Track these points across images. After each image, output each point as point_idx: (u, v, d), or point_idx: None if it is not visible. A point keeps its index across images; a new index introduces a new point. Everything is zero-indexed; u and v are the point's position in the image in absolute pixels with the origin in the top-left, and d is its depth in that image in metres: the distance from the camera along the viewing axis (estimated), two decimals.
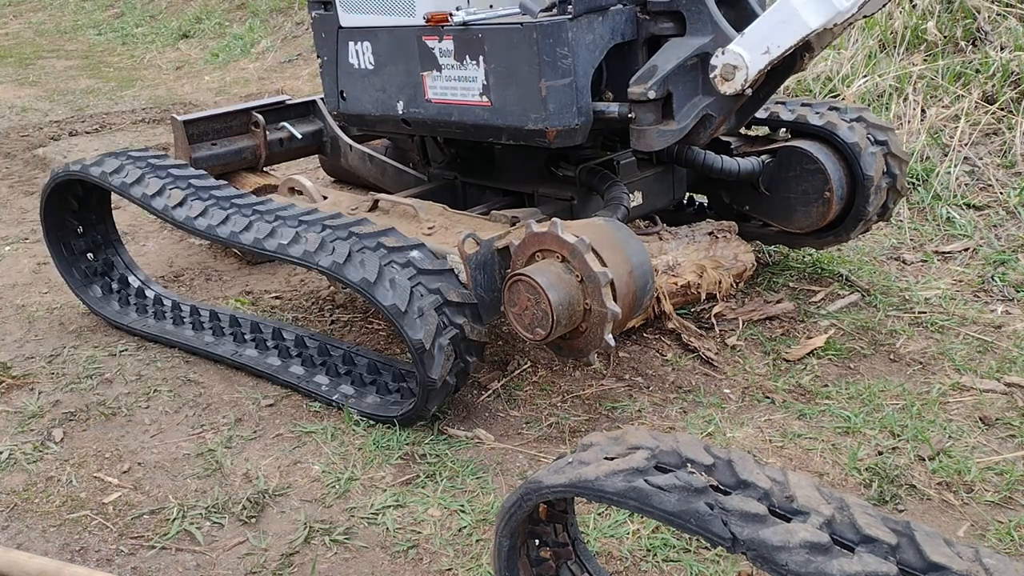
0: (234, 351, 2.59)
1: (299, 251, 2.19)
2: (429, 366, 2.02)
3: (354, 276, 2.06)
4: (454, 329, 2.07)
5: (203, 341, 2.67)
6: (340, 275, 2.08)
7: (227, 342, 2.64)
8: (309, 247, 2.18)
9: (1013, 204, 3.25)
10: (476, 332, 2.12)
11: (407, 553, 1.79)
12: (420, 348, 2.00)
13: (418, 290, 2.06)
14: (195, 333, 2.73)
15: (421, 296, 2.05)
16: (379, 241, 2.15)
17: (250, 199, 2.52)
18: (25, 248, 3.82)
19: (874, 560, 0.91)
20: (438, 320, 2.05)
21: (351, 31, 2.60)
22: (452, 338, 2.06)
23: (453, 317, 2.08)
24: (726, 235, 2.74)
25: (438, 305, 2.07)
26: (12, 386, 2.60)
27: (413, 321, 2.01)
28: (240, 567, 1.79)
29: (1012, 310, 2.64)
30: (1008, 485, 1.87)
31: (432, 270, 2.11)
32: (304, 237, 2.22)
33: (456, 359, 2.10)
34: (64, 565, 1.73)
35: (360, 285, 2.05)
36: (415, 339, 1.99)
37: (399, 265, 2.09)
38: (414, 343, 2.00)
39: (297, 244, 2.22)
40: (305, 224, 2.28)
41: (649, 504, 1.04)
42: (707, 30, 2.12)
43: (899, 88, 3.87)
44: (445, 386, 2.09)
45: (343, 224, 2.23)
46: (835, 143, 2.61)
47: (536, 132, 2.21)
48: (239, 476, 2.09)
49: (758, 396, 2.29)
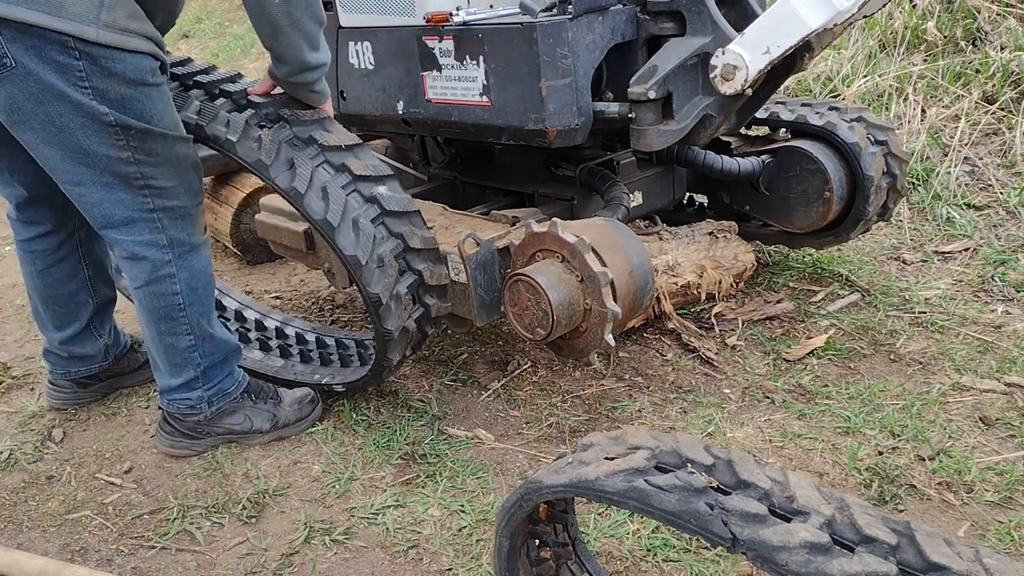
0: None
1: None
2: (385, 318, 1.98)
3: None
4: (412, 276, 2.03)
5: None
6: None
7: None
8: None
9: (1013, 204, 3.25)
10: (436, 276, 2.07)
11: (407, 553, 1.79)
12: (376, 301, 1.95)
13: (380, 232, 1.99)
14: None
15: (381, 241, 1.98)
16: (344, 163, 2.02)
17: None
18: None
19: (874, 560, 0.91)
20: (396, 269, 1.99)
21: (351, 31, 2.60)
22: (410, 285, 2.02)
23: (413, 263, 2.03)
24: (726, 235, 2.74)
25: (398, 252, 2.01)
26: (12, 386, 2.60)
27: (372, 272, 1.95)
28: (240, 567, 1.79)
29: (1012, 310, 2.64)
30: (1008, 485, 1.87)
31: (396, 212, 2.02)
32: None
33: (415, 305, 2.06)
34: (64, 565, 1.73)
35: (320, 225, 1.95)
36: (372, 293, 1.94)
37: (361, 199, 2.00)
38: (370, 296, 1.94)
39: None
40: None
41: (649, 504, 1.04)
42: (707, 30, 2.12)
43: (899, 88, 3.87)
44: (404, 334, 2.06)
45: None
46: (835, 143, 2.61)
47: (536, 132, 2.21)
48: (239, 476, 2.09)
49: (758, 396, 2.29)
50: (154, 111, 1.81)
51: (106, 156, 1.79)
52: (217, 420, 2.16)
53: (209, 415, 2.14)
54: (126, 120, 1.76)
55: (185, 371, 2.07)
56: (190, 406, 2.11)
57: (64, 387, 2.41)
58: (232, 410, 2.18)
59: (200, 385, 2.10)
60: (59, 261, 2.19)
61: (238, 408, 2.18)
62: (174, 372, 2.08)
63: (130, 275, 1.97)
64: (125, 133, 1.78)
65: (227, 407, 2.17)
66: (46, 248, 2.17)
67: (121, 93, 1.74)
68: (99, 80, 1.71)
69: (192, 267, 1.99)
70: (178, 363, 2.06)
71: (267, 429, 2.20)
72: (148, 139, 1.82)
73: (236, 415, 2.18)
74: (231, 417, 2.18)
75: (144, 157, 1.83)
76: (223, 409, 2.16)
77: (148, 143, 1.82)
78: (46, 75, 1.67)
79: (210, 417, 2.15)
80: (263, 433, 2.20)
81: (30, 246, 2.18)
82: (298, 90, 2.00)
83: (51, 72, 1.67)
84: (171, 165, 1.89)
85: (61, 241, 2.18)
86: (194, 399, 2.11)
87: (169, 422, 2.15)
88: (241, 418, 2.18)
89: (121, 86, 1.74)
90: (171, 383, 2.09)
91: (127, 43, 1.70)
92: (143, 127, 1.79)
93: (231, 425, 2.18)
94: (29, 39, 1.63)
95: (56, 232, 2.17)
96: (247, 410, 2.19)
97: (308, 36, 1.85)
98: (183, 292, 1.99)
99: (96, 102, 1.72)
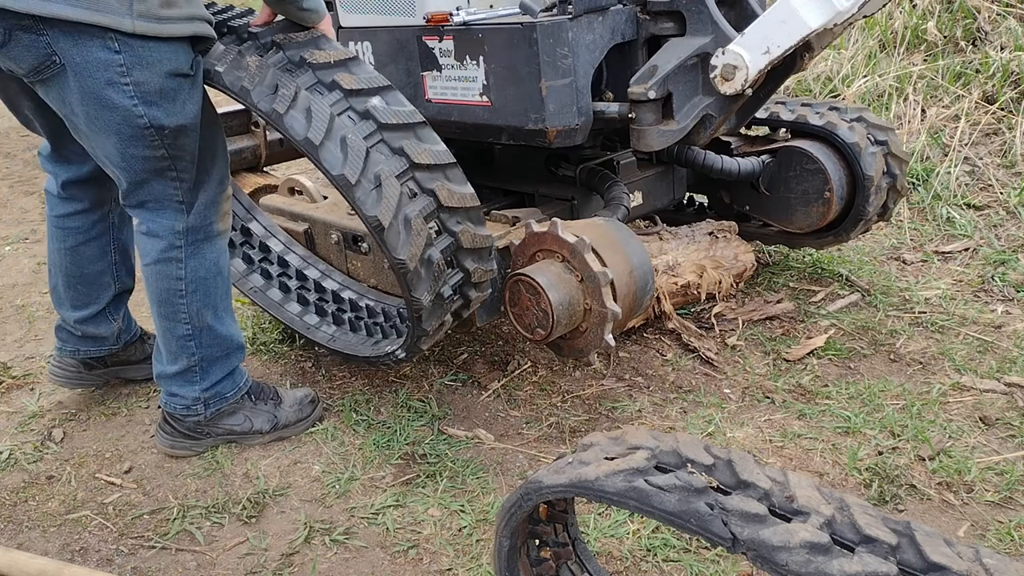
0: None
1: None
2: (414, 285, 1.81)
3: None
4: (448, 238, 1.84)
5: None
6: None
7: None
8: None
9: (1013, 204, 3.25)
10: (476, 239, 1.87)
11: (407, 553, 1.79)
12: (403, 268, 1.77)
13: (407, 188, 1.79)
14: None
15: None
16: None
17: None
18: (25, 248, 3.82)
19: (874, 560, 0.91)
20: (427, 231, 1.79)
21: (351, 31, 2.60)
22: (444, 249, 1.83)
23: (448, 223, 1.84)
24: (726, 235, 2.74)
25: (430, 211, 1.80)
26: (12, 386, 2.60)
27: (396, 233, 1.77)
28: (240, 567, 1.79)
29: (1012, 310, 2.64)
30: (1008, 485, 1.87)
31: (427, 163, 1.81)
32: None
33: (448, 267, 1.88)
34: (64, 565, 1.73)
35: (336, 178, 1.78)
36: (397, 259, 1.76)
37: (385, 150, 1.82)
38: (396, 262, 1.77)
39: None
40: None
41: (649, 504, 1.04)
42: (707, 30, 2.12)
43: (899, 88, 3.87)
44: (439, 301, 1.89)
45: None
46: (835, 143, 2.61)
47: (536, 132, 2.21)
48: (239, 476, 2.09)
49: (758, 396, 2.29)
50: (188, 103, 1.85)
51: (143, 157, 1.85)
52: (217, 421, 2.16)
53: (207, 416, 2.14)
54: (160, 120, 1.80)
55: (180, 359, 2.08)
56: (186, 407, 2.11)
57: (70, 366, 2.42)
58: (232, 411, 2.18)
59: (198, 379, 2.10)
60: (90, 240, 2.22)
61: (238, 409, 2.18)
62: (171, 359, 2.09)
63: (143, 250, 2.00)
64: (160, 133, 1.82)
65: (226, 408, 2.17)
66: (79, 226, 2.20)
67: (160, 85, 1.77)
68: (140, 73, 1.74)
69: (203, 255, 2.01)
70: (174, 350, 2.07)
71: (267, 430, 2.20)
72: (181, 136, 1.86)
73: (236, 416, 2.18)
74: (231, 418, 2.18)
75: (178, 153, 1.88)
76: (222, 410, 2.16)
77: (181, 139, 1.87)
78: (90, 73, 1.71)
79: (209, 418, 2.15)
80: (263, 434, 2.20)
81: (64, 222, 2.21)
82: (288, 8, 1.94)
83: (95, 70, 1.70)
84: (203, 157, 1.94)
85: (95, 221, 2.22)
86: (190, 399, 2.11)
87: (169, 422, 2.15)
88: (241, 419, 2.18)
89: (160, 78, 1.77)
90: (168, 370, 2.10)
91: (163, 31, 1.73)
92: (177, 125, 1.83)
93: (231, 426, 2.18)
94: (74, 36, 1.67)
95: (92, 211, 2.20)
96: (247, 411, 2.19)
97: None
98: (187, 279, 2.00)
99: (134, 102, 1.76)
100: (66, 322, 2.34)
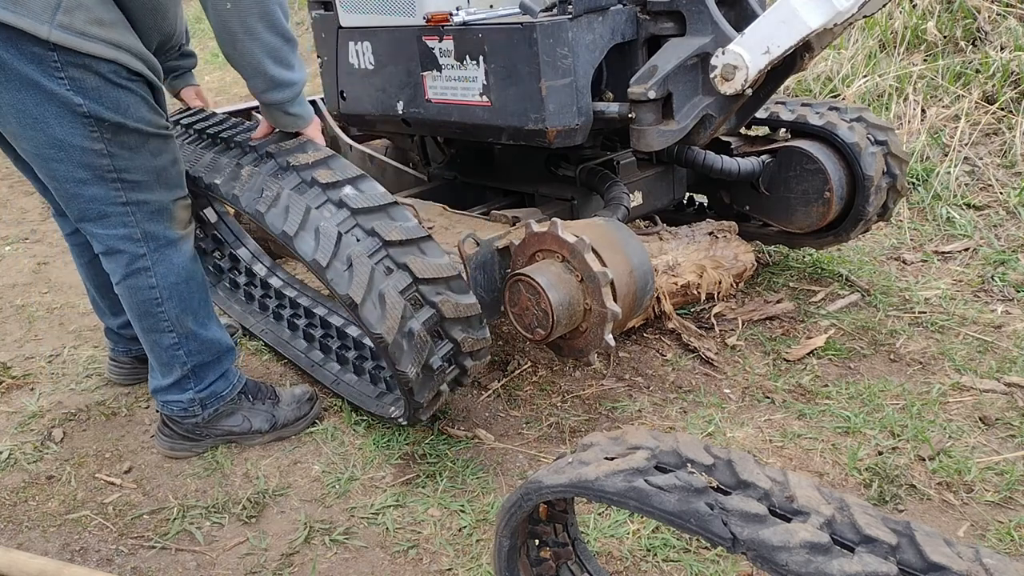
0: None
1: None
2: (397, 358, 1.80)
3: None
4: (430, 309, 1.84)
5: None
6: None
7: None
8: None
9: (1013, 204, 3.25)
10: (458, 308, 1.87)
11: (407, 553, 1.79)
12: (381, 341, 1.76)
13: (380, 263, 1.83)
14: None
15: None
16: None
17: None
18: (25, 248, 3.82)
19: (874, 560, 0.91)
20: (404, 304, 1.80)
21: (351, 31, 2.60)
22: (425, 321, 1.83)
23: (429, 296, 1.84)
24: (726, 235, 2.74)
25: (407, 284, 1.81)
26: (12, 386, 2.60)
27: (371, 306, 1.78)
28: (240, 567, 1.79)
29: (1012, 310, 2.64)
30: (1008, 485, 1.87)
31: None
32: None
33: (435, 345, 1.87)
34: (64, 565, 1.73)
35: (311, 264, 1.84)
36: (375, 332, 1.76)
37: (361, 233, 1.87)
38: (373, 336, 1.77)
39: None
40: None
41: (649, 504, 1.04)
42: (707, 30, 2.12)
43: (899, 88, 3.87)
44: (428, 373, 1.89)
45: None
46: (835, 143, 2.61)
47: (536, 132, 2.21)
48: (239, 476, 2.09)
49: (758, 396, 2.29)
50: (129, 105, 1.81)
51: (80, 147, 1.79)
52: (215, 422, 2.16)
53: (205, 417, 2.14)
54: (99, 112, 1.77)
55: (173, 370, 2.07)
56: (183, 408, 2.11)
57: (125, 363, 2.52)
58: (230, 411, 2.18)
59: (192, 386, 2.10)
60: None
61: (236, 409, 2.18)
62: (164, 372, 2.08)
63: (110, 270, 1.99)
64: (99, 125, 1.78)
65: (224, 409, 2.16)
66: (87, 241, 2.19)
67: (95, 84, 1.75)
68: (74, 70, 1.71)
69: (170, 261, 1.99)
70: (165, 362, 2.07)
71: (266, 429, 2.19)
72: (122, 132, 1.82)
73: (234, 416, 2.18)
74: (229, 419, 2.18)
75: (117, 150, 1.83)
76: (220, 411, 2.16)
77: (121, 136, 1.82)
78: (21, 65, 1.68)
79: (207, 419, 2.15)
80: (262, 433, 2.19)
81: (75, 239, 2.25)
82: (274, 113, 1.98)
83: (27, 62, 1.68)
84: (145, 159, 1.89)
85: None
86: (186, 401, 2.11)
87: (168, 425, 2.15)
88: (239, 419, 2.18)
89: (94, 78, 1.74)
90: (162, 383, 2.10)
91: (83, 47, 1.69)
92: (117, 120, 1.80)
93: (229, 427, 2.18)
94: (4, 32, 1.64)
95: None
96: (245, 411, 2.19)
97: (269, 48, 1.83)
98: (160, 287, 1.98)
99: (72, 93, 1.73)
100: (110, 327, 2.43)
